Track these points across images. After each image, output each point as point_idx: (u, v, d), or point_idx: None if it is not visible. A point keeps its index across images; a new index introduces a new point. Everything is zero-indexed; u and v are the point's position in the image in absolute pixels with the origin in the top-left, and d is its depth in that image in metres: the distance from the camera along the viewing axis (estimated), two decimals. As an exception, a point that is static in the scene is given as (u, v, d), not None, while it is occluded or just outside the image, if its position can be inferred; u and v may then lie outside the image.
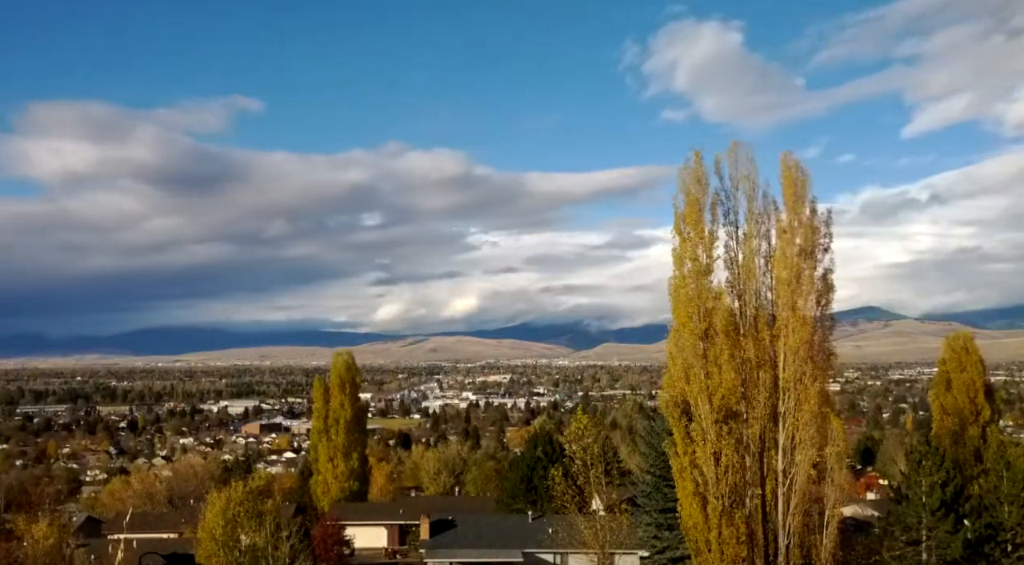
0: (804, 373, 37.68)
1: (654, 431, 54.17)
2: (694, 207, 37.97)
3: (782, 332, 38.00)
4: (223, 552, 50.99)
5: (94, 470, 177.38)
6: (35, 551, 55.66)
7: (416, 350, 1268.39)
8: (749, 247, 38.39)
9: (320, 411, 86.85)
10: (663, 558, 51.24)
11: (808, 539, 38.41)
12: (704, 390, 36.90)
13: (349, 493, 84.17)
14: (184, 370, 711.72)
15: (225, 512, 52.39)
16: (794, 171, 38.84)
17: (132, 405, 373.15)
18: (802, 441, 37.42)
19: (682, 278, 37.78)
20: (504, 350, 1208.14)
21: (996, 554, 47.77)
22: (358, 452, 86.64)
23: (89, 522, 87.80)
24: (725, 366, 36.91)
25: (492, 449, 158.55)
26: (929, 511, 47.02)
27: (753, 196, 38.79)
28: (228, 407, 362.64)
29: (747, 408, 37.81)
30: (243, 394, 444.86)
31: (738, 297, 38.57)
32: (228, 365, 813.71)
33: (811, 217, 38.68)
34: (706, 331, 37.22)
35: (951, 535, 46.62)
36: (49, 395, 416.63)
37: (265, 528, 50.19)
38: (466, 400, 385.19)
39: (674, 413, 37.71)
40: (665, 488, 48.71)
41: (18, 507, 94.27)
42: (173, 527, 77.42)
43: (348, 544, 67.16)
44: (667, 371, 38.98)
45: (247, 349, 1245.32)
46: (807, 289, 37.90)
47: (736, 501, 36.87)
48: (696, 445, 36.80)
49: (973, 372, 66.64)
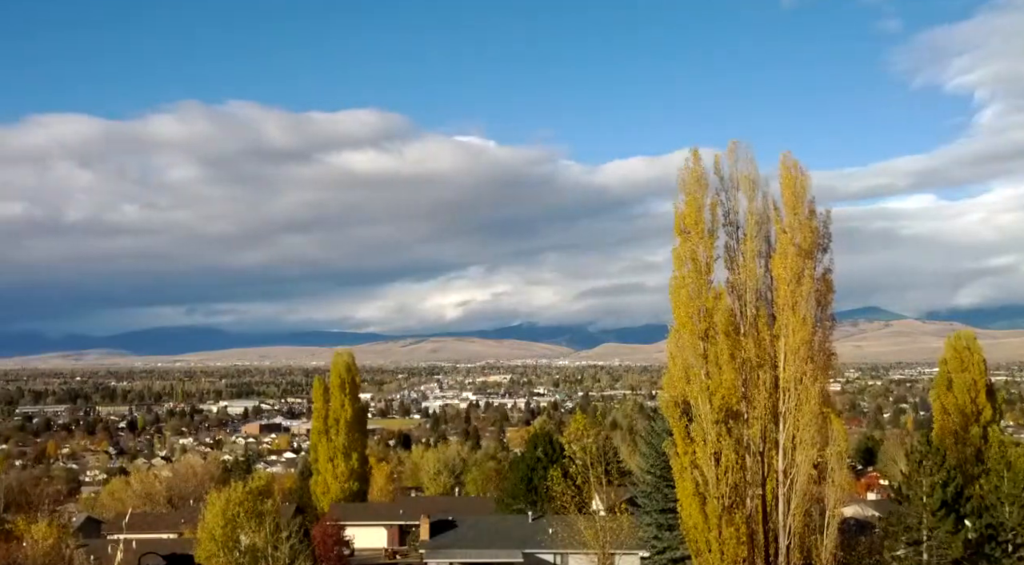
0: (804, 373, 37.62)
1: (654, 431, 54.16)
2: (694, 207, 38.04)
3: (782, 332, 37.95)
4: (223, 552, 50.88)
5: (94, 470, 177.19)
6: (35, 551, 55.65)
7: (416, 350, 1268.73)
8: (749, 247, 38.36)
9: (320, 411, 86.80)
10: (663, 558, 51.19)
11: (809, 539, 38.39)
12: (704, 390, 36.89)
13: (349, 493, 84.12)
14: (184, 370, 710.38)
15: (225, 512, 52.21)
16: (794, 171, 38.85)
17: (132, 405, 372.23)
18: (803, 441, 37.37)
19: (682, 278, 37.79)
20: (504, 350, 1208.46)
21: (997, 554, 47.74)
22: (358, 452, 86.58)
23: (89, 522, 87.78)
24: (725, 366, 36.90)
25: (492, 449, 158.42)
26: (930, 511, 46.93)
27: (753, 196, 38.82)
28: (228, 407, 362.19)
29: (747, 408, 37.78)
30: (243, 394, 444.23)
31: (738, 297, 38.57)
32: (228, 365, 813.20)
33: (811, 217, 38.69)
34: (706, 331, 37.22)
35: (952, 535, 46.54)
36: (49, 395, 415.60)
37: (265, 528, 50.09)
38: (466, 400, 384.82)
39: (674, 413, 37.69)
40: (665, 488, 48.64)
41: (18, 507, 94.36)
42: (173, 527, 77.37)
43: (348, 544, 67.15)
44: (667, 371, 38.99)
45: (247, 349, 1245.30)
46: (807, 289, 37.85)
47: (736, 501, 36.84)
48: (696, 445, 36.77)
49: (975, 372, 66.53)
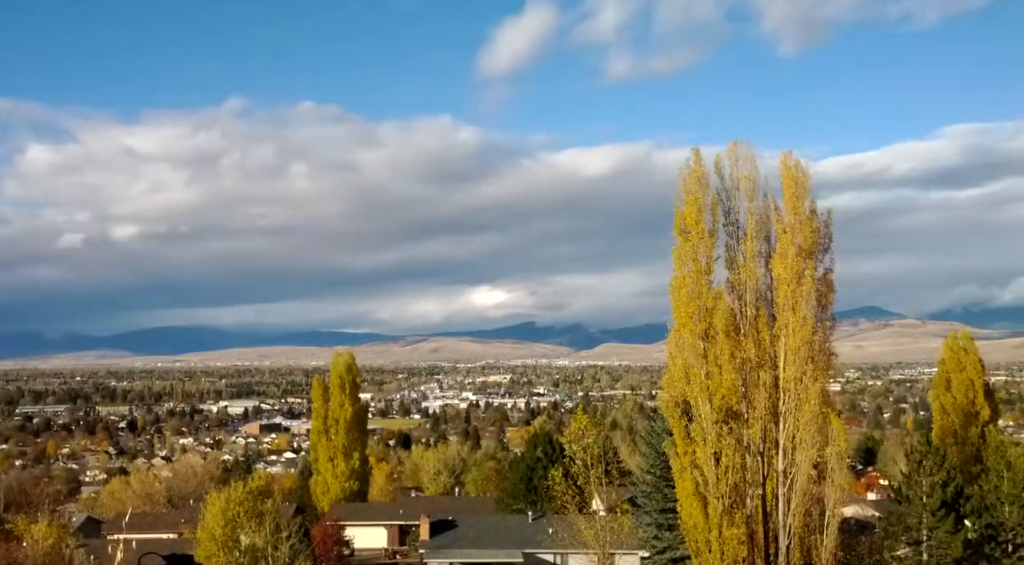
0: (804, 373, 37.60)
1: (654, 431, 54.17)
2: (694, 206, 37.99)
3: (782, 332, 37.93)
4: (223, 552, 50.91)
5: (94, 470, 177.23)
6: (35, 551, 55.77)
7: (416, 350, 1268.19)
8: (749, 247, 38.35)
9: (320, 411, 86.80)
10: (663, 558, 51.21)
11: (809, 539, 38.36)
12: (704, 390, 36.89)
13: (349, 493, 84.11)
14: (184, 370, 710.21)
15: (225, 512, 52.26)
16: (794, 171, 38.79)
17: (132, 405, 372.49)
18: (803, 441, 37.35)
19: (682, 278, 37.78)
20: (504, 350, 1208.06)
21: (997, 554, 47.75)
22: (358, 452, 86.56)
23: (89, 522, 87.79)
24: (725, 366, 36.89)
25: (492, 449, 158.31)
26: (930, 511, 46.95)
27: (753, 196, 38.79)
28: (228, 407, 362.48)
29: (747, 408, 37.77)
30: (243, 394, 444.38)
31: (738, 297, 38.54)
32: (228, 365, 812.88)
33: (811, 217, 38.66)
34: (706, 331, 37.21)
35: (952, 535, 46.55)
36: (49, 395, 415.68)
37: (265, 528, 50.14)
38: (466, 400, 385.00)
39: (674, 413, 37.68)
40: (665, 488, 48.66)
41: (18, 507, 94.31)
42: (172, 527, 77.36)
43: (348, 544, 67.15)
44: (667, 371, 38.98)
45: (247, 349, 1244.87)
46: (807, 289, 37.84)
47: (736, 501, 36.84)
48: (696, 445, 36.77)
49: (972, 372, 66.65)
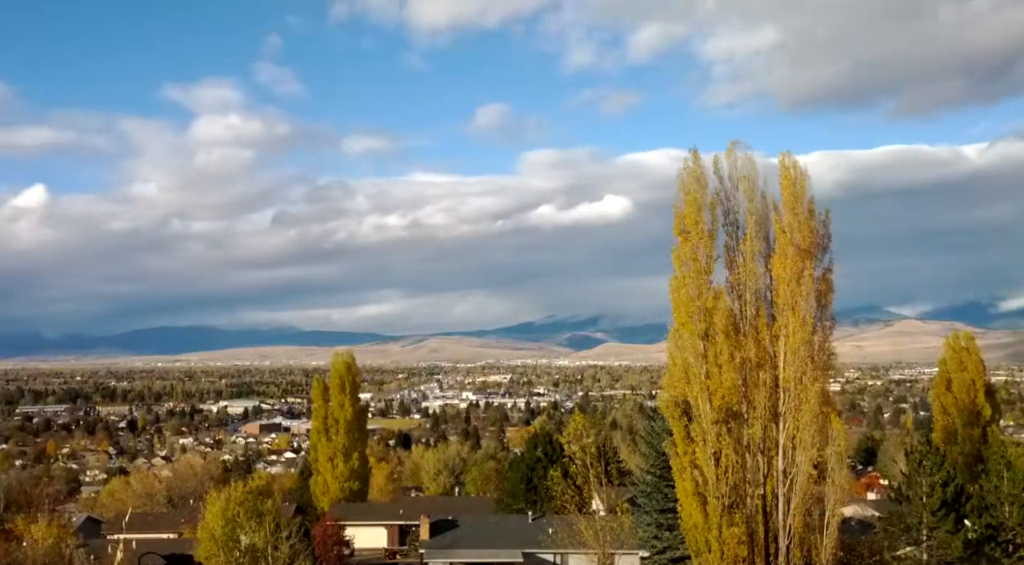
0: (804, 373, 37.61)
1: (654, 431, 54.11)
2: (693, 207, 38.02)
3: (782, 332, 37.94)
4: (223, 552, 50.86)
5: (94, 470, 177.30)
6: (35, 551, 55.64)
7: (416, 350, 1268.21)
8: (749, 247, 38.36)
9: (320, 411, 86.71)
10: (663, 558, 51.17)
11: (808, 539, 38.36)
12: (704, 390, 36.90)
13: (349, 493, 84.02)
14: (184, 370, 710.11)
15: (225, 512, 52.19)
16: (793, 171, 38.84)
17: (132, 405, 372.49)
18: (803, 441, 37.35)
19: (682, 278, 37.79)
20: (504, 350, 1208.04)
21: (997, 554, 47.77)
22: (358, 452, 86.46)
23: (89, 522, 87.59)
24: (725, 366, 36.90)
25: (492, 449, 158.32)
26: (930, 511, 47.00)
27: (752, 196, 38.83)
28: (228, 407, 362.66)
29: (747, 408, 37.79)
30: (243, 394, 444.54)
31: (738, 297, 38.57)
32: (228, 365, 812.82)
33: (810, 217, 38.69)
34: (706, 331, 37.22)
35: (952, 535, 46.59)
36: (49, 395, 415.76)
37: (265, 528, 50.08)
38: (466, 400, 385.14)
39: (674, 413, 37.69)
40: (665, 488, 48.63)
41: (18, 507, 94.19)
42: (172, 527, 77.28)
43: (348, 544, 67.06)
44: (667, 371, 39.00)
45: (247, 349, 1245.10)
46: (807, 289, 37.85)
47: (736, 501, 36.85)
48: (696, 445, 36.78)
49: (973, 372, 66.66)
